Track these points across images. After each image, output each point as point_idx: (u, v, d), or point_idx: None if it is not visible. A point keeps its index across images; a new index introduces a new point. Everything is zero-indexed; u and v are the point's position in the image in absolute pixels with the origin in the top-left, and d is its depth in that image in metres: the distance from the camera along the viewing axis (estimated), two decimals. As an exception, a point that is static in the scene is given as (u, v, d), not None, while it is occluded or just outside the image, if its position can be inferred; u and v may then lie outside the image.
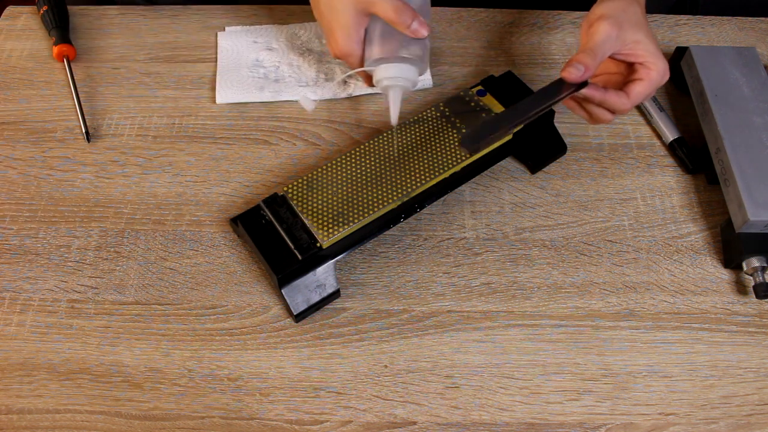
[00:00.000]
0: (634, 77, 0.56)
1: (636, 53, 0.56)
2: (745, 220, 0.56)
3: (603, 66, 0.59)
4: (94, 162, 0.65)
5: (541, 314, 0.57)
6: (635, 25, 0.56)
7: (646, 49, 0.56)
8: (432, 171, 0.57)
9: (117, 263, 0.59)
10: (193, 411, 0.52)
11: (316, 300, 0.56)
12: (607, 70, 0.59)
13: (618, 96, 0.56)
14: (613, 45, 0.55)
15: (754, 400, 0.53)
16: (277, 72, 0.71)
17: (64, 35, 0.72)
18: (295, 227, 0.55)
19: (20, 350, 0.55)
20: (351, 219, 0.55)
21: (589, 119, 0.59)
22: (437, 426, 0.52)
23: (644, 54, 0.56)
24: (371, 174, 0.57)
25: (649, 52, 0.56)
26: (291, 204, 0.56)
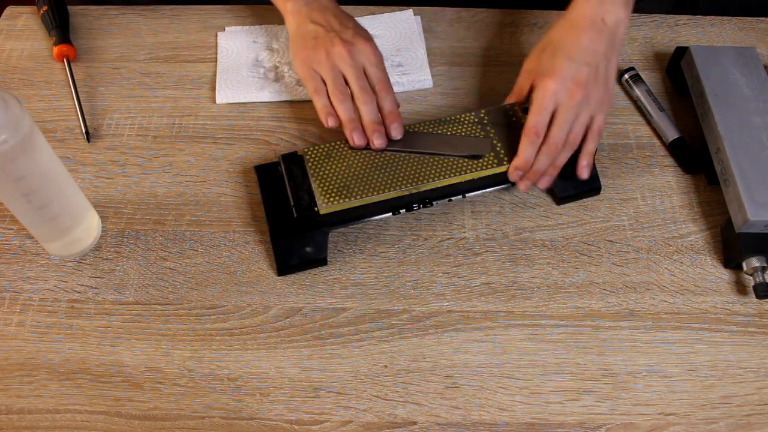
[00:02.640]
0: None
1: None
2: (745, 220, 0.56)
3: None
4: (94, 162, 0.65)
5: (541, 314, 0.57)
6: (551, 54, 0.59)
7: (539, 73, 0.59)
8: (448, 171, 0.57)
9: (117, 263, 0.59)
10: (193, 411, 0.52)
11: (301, 260, 0.58)
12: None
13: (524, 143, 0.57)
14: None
15: (754, 400, 0.53)
16: (277, 72, 0.71)
17: (64, 35, 0.72)
18: (301, 187, 0.57)
19: (20, 350, 0.55)
20: (354, 194, 0.56)
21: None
22: (437, 426, 0.52)
23: (537, 78, 0.58)
24: (389, 159, 0.58)
25: (539, 74, 0.58)
26: (306, 165, 0.58)
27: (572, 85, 0.57)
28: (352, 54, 0.60)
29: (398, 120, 0.59)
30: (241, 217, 0.62)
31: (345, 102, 0.60)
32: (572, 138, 0.58)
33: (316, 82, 0.61)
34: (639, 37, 0.75)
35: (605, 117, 0.59)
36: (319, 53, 0.61)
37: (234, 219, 0.62)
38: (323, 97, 0.61)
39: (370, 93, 0.60)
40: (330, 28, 0.62)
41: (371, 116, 0.59)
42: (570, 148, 0.58)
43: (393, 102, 0.60)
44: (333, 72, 0.60)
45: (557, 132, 0.57)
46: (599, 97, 0.58)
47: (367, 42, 0.61)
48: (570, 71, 0.57)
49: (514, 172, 0.58)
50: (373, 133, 0.58)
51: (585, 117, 0.58)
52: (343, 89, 0.60)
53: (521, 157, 0.57)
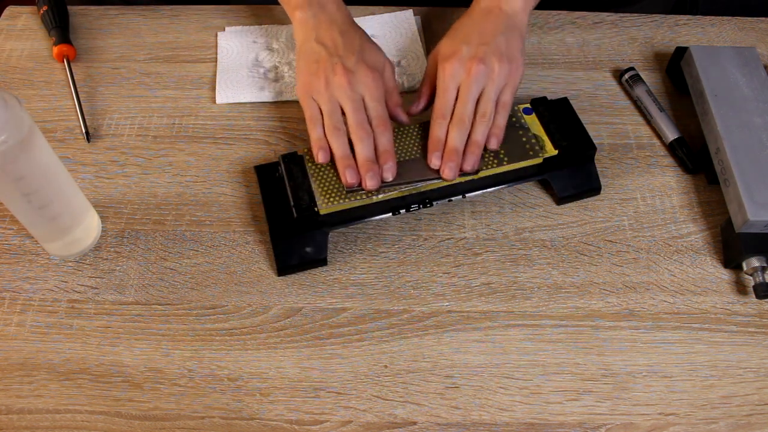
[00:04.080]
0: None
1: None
2: (745, 220, 0.56)
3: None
4: (94, 162, 0.65)
5: (541, 314, 0.57)
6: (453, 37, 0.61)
7: (439, 59, 0.59)
8: None
9: (117, 263, 0.59)
10: (193, 411, 0.52)
11: (301, 260, 0.58)
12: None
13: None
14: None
15: (754, 400, 0.53)
16: (277, 72, 0.71)
17: (64, 35, 0.72)
18: (301, 188, 0.57)
19: (20, 350, 0.55)
20: (355, 194, 0.56)
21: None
22: (437, 426, 0.52)
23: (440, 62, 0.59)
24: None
25: (440, 60, 0.59)
26: (306, 165, 0.58)
27: (470, 63, 0.58)
28: (351, 85, 0.58)
29: (392, 160, 0.57)
30: (241, 217, 0.62)
31: (339, 138, 0.57)
32: (482, 111, 0.58)
33: (312, 111, 0.59)
34: (639, 37, 0.75)
35: (514, 91, 0.60)
36: (319, 81, 0.58)
37: (234, 219, 0.62)
38: (318, 129, 0.59)
39: (367, 129, 0.57)
40: (334, 51, 0.60)
41: (365, 155, 0.57)
42: (483, 122, 0.58)
43: (389, 140, 0.57)
44: (331, 104, 0.58)
45: (461, 106, 0.58)
46: (505, 72, 0.58)
47: (370, 72, 0.58)
48: (467, 52, 0.58)
49: (432, 156, 0.57)
50: (366, 172, 0.56)
51: (492, 92, 0.58)
52: (339, 124, 0.58)
53: (432, 137, 0.58)
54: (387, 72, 0.61)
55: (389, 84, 0.61)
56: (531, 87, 0.70)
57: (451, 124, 0.58)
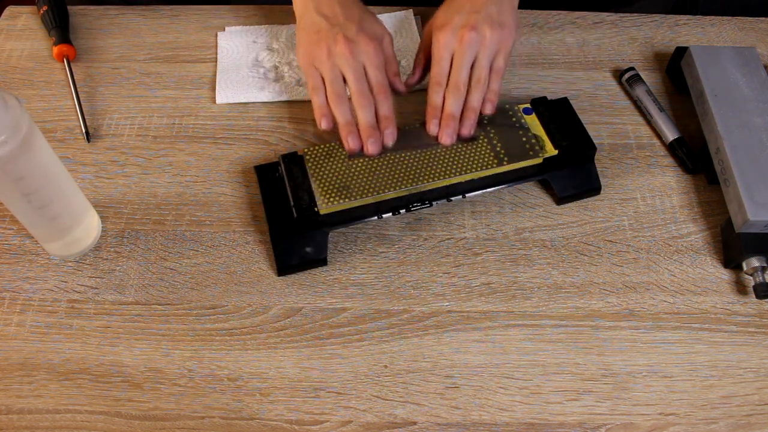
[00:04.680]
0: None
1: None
2: (745, 220, 0.56)
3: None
4: (94, 162, 0.65)
5: (541, 314, 0.57)
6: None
7: (433, 29, 0.61)
8: (448, 171, 0.57)
9: (117, 263, 0.59)
10: (193, 411, 0.52)
11: (301, 260, 0.58)
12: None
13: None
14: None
15: (754, 400, 0.53)
16: (277, 72, 0.71)
17: (64, 35, 0.72)
18: (301, 188, 0.58)
19: (20, 350, 0.55)
20: (355, 194, 0.56)
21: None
22: (437, 426, 0.52)
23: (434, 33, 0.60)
24: (389, 159, 0.59)
25: (433, 30, 0.61)
26: (306, 165, 0.59)
27: (462, 31, 0.59)
28: (353, 53, 0.59)
29: (392, 125, 0.59)
30: (241, 217, 0.62)
31: (342, 105, 0.59)
32: (476, 78, 0.60)
33: (315, 79, 0.61)
34: (639, 37, 0.75)
35: (507, 57, 0.61)
36: (321, 50, 0.60)
37: (234, 219, 0.62)
38: (320, 96, 0.61)
39: (368, 96, 0.59)
40: (335, 21, 0.61)
41: (367, 121, 0.59)
42: (478, 88, 0.59)
43: (389, 107, 0.59)
44: (333, 72, 0.60)
45: (456, 73, 0.59)
46: (497, 39, 0.59)
47: (371, 41, 0.60)
48: (459, 20, 0.60)
49: (431, 123, 0.59)
50: (368, 138, 0.58)
51: (485, 58, 0.60)
52: (341, 91, 0.60)
53: (429, 105, 0.60)
54: (386, 42, 0.62)
55: (388, 53, 0.62)
56: (531, 87, 0.70)
57: (447, 91, 0.59)
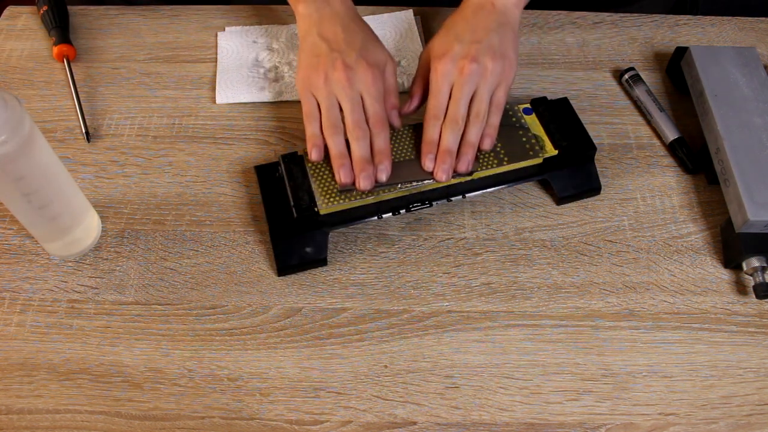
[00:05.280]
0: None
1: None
2: (745, 220, 0.56)
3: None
4: (94, 162, 0.65)
5: (541, 314, 0.57)
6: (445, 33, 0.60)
7: (432, 56, 0.59)
8: None
9: (117, 263, 0.59)
10: (193, 411, 0.52)
11: (301, 260, 0.58)
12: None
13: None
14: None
15: (754, 400, 0.53)
16: (277, 72, 0.71)
17: (64, 35, 0.72)
18: (301, 188, 0.57)
19: (20, 350, 0.55)
20: (355, 194, 0.56)
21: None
22: (437, 426, 0.52)
23: (432, 62, 0.59)
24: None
25: (432, 58, 0.59)
26: (306, 165, 0.58)
27: (463, 62, 0.57)
28: (350, 82, 0.57)
29: (387, 160, 0.56)
30: (241, 217, 0.62)
31: (336, 135, 0.57)
32: (475, 112, 0.57)
33: (310, 106, 0.59)
34: (639, 37, 0.75)
35: (508, 89, 0.59)
36: (319, 76, 0.58)
37: (234, 219, 0.62)
38: (314, 125, 0.58)
39: (364, 128, 0.57)
40: (335, 46, 0.59)
41: (361, 154, 0.56)
42: (477, 123, 0.57)
43: (385, 140, 0.57)
44: (329, 100, 0.58)
45: (454, 106, 0.57)
46: (498, 71, 0.58)
47: (369, 68, 0.58)
48: (460, 50, 0.58)
49: (426, 158, 0.57)
50: (360, 172, 0.55)
51: (485, 91, 0.57)
52: (336, 122, 0.58)
53: (425, 139, 0.57)
54: (388, 70, 0.60)
55: (389, 83, 0.60)
56: (531, 87, 0.70)
57: (444, 125, 0.57)
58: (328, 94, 0.58)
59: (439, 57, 0.58)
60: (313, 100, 0.59)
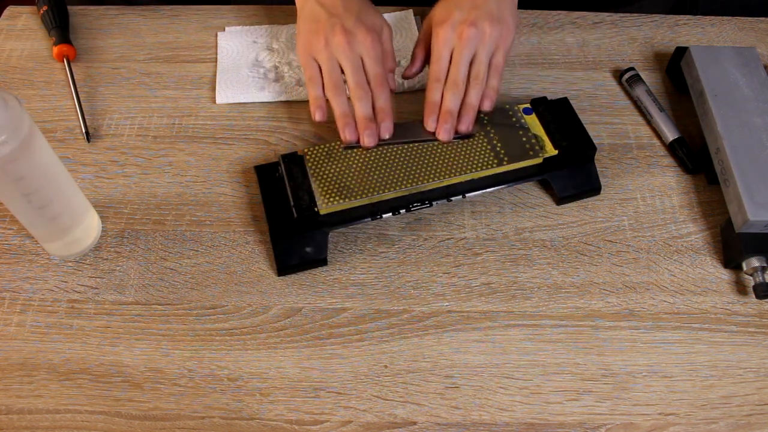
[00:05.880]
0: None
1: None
2: (745, 220, 0.56)
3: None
4: (94, 162, 0.65)
5: (541, 314, 0.57)
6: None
7: (433, 23, 0.60)
8: (448, 171, 0.57)
9: (117, 263, 0.59)
10: (193, 411, 0.52)
11: (301, 260, 0.58)
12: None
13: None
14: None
15: (754, 400, 0.53)
16: (277, 72, 0.71)
17: (64, 35, 0.72)
18: (301, 188, 0.58)
19: (20, 350, 0.55)
20: (355, 194, 0.56)
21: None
22: (437, 426, 0.52)
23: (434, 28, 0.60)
24: (389, 159, 0.59)
25: (433, 25, 0.60)
26: (306, 165, 0.59)
27: (462, 27, 0.59)
28: (351, 45, 0.59)
29: (389, 118, 0.59)
30: (241, 217, 0.62)
31: (339, 96, 0.59)
32: (475, 74, 0.59)
33: (312, 70, 0.61)
34: (639, 37, 0.75)
35: (506, 53, 0.61)
36: (319, 40, 0.60)
37: (234, 219, 0.62)
38: (317, 88, 0.61)
39: (365, 88, 0.59)
40: (333, 11, 0.61)
41: (364, 112, 0.58)
42: (477, 85, 0.59)
43: (387, 99, 0.59)
44: (330, 63, 0.60)
45: (455, 70, 0.59)
46: (496, 35, 0.59)
47: (369, 33, 0.60)
48: (459, 16, 0.59)
49: (429, 119, 0.59)
50: (364, 130, 0.58)
51: (484, 55, 0.59)
52: (339, 82, 0.60)
53: (428, 101, 0.59)
54: (385, 34, 0.62)
55: (386, 47, 0.62)
56: (531, 87, 0.70)
57: (445, 88, 0.59)
58: (329, 57, 0.60)
59: (440, 23, 0.60)
60: (314, 64, 0.61)
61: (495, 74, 0.60)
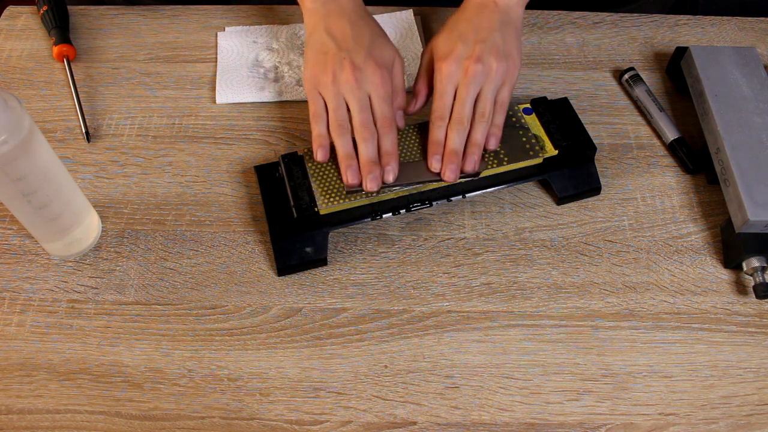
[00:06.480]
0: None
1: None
2: (745, 220, 0.56)
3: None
4: (94, 162, 0.65)
5: (541, 314, 0.57)
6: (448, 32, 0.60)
7: (436, 57, 0.59)
8: None
9: (117, 263, 0.59)
10: (193, 411, 0.52)
11: (301, 260, 0.58)
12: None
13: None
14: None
15: (754, 400, 0.53)
16: (277, 72, 0.71)
17: (64, 35, 0.72)
18: (301, 188, 0.57)
19: (20, 350, 0.55)
20: (355, 194, 0.56)
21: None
22: (437, 426, 0.52)
23: (437, 63, 0.59)
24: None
25: (436, 59, 0.59)
26: (306, 165, 0.58)
27: (467, 62, 0.57)
28: (359, 82, 0.56)
29: (394, 161, 0.56)
30: (241, 217, 0.62)
31: (343, 136, 0.57)
32: (480, 112, 0.57)
33: (317, 106, 0.59)
34: (639, 37, 0.75)
35: (512, 89, 0.59)
36: (326, 75, 0.58)
37: (234, 219, 0.62)
38: (321, 125, 0.58)
39: (372, 129, 0.57)
40: (343, 45, 0.59)
41: (368, 155, 0.56)
42: (482, 123, 0.57)
43: (393, 142, 0.57)
44: (336, 100, 0.57)
45: (460, 107, 0.57)
46: (502, 71, 0.58)
47: (378, 69, 0.57)
48: (464, 51, 0.57)
49: (432, 159, 0.57)
50: (368, 174, 0.55)
51: (489, 91, 0.57)
52: (344, 122, 0.57)
53: (431, 140, 0.57)
54: (396, 69, 0.60)
55: (396, 82, 0.60)
56: (531, 87, 0.70)
57: (449, 126, 0.57)
58: (335, 94, 0.58)
59: (444, 58, 0.58)
60: (320, 99, 0.59)
61: (500, 111, 0.58)
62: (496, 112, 0.58)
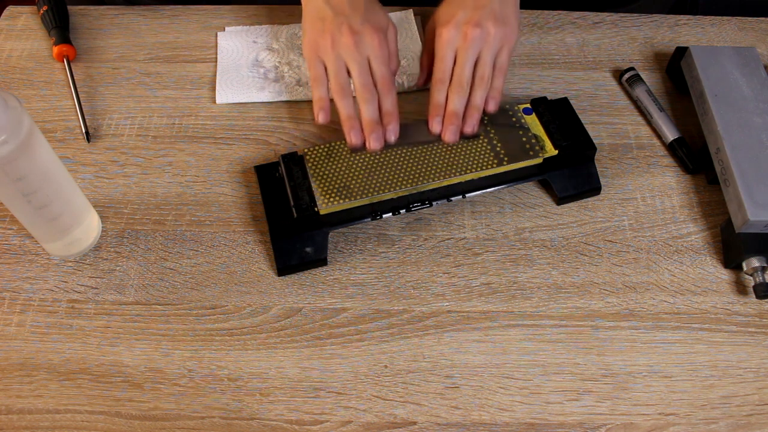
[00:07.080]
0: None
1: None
2: (745, 220, 0.56)
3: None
4: (94, 162, 0.65)
5: (541, 314, 0.57)
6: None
7: (436, 24, 0.60)
8: (448, 171, 0.57)
9: (117, 263, 0.59)
10: (193, 411, 0.52)
11: (301, 260, 0.58)
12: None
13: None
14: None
15: (754, 400, 0.53)
16: (277, 72, 0.71)
17: (64, 35, 0.72)
18: (301, 188, 0.57)
19: (20, 350, 0.55)
20: (355, 194, 0.56)
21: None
22: (437, 426, 0.52)
23: (437, 30, 0.60)
24: (390, 158, 0.58)
25: (436, 26, 0.60)
26: (306, 165, 0.58)
27: (466, 27, 0.58)
28: (358, 46, 0.58)
29: (395, 121, 0.58)
30: (241, 217, 0.62)
31: (346, 98, 0.59)
32: (480, 75, 0.59)
33: (318, 70, 0.60)
34: (639, 37, 0.75)
35: (510, 53, 0.60)
36: (326, 40, 0.59)
37: (234, 219, 0.62)
38: (322, 88, 0.60)
39: (372, 90, 0.59)
40: (339, 10, 0.60)
41: (370, 115, 0.58)
42: (482, 86, 0.59)
43: (393, 102, 0.59)
44: (337, 64, 0.59)
45: (459, 71, 0.58)
46: (500, 35, 0.59)
47: (375, 33, 0.59)
48: (462, 16, 0.59)
49: (433, 121, 0.58)
50: (371, 133, 0.57)
51: (488, 55, 0.59)
52: (345, 84, 0.59)
53: (432, 103, 0.59)
54: (390, 34, 0.61)
55: (391, 46, 0.61)
56: (531, 87, 0.70)
57: (450, 89, 0.59)
58: (335, 57, 0.59)
59: (443, 24, 0.59)
60: (320, 64, 0.60)
61: (499, 75, 0.60)
62: (495, 75, 0.60)
